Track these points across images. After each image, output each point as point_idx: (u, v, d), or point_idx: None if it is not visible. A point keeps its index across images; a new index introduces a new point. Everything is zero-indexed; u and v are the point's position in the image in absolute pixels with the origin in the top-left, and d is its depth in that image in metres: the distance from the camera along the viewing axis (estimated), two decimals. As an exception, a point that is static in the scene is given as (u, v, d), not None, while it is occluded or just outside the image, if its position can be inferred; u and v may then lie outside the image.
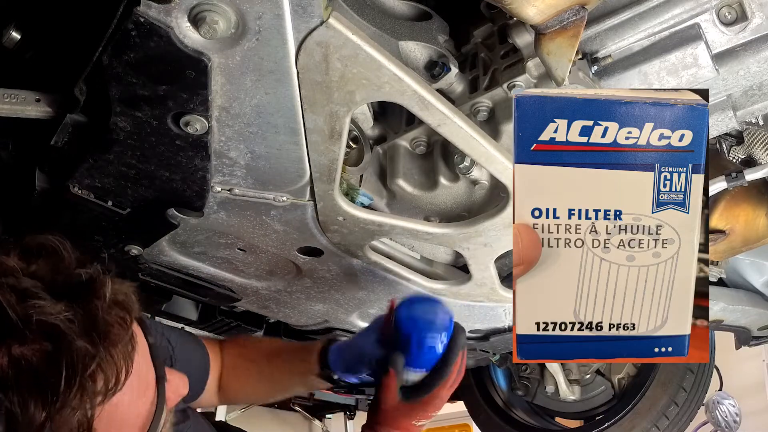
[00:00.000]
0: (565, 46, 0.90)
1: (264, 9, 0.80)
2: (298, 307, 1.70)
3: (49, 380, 0.65)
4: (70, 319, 0.68)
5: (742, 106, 1.22)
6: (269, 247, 1.36)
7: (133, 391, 0.75)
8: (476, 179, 1.27)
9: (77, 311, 0.69)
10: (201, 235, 1.30)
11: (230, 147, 1.03)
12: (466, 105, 1.19)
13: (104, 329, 0.70)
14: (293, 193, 1.16)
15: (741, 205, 1.43)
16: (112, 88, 0.90)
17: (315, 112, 0.97)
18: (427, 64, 1.19)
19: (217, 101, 0.93)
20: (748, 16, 1.08)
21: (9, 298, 0.66)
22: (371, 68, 0.90)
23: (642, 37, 1.13)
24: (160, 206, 1.18)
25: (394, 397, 1.14)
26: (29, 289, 0.68)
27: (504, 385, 2.83)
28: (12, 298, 0.67)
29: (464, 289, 1.53)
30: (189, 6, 0.79)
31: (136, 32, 0.81)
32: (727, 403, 3.37)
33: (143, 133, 0.98)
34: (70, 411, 0.67)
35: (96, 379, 0.68)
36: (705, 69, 1.12)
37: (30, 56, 1.04)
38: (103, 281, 0.74)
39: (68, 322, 0.67)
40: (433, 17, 1.23)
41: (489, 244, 1.32)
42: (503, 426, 2.71)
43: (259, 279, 1.55)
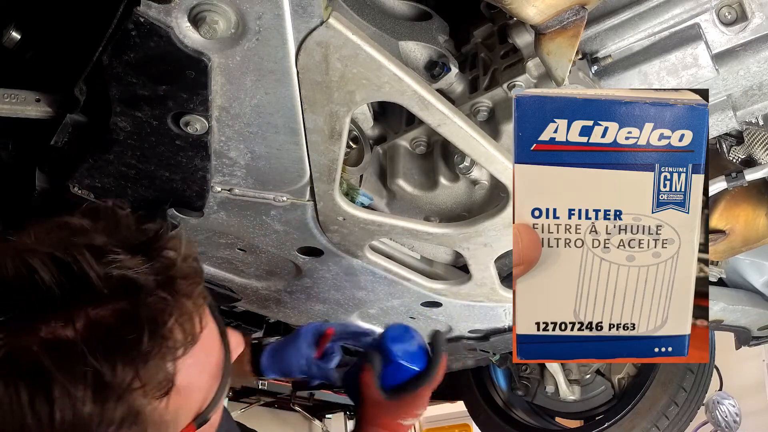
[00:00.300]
0: (565, 46, 0.90)
1: (264, 9, 0.80)
2: (298, 307, 1.70)
3: (131, 338, 0.64)
4: (148, 272, 0.67)
5: (742, 106, 1.22)
6: (269, 247, 1.36)
7: (205, 344, 0.74)
8: (476, 179, 1.27)
9: (154, 264, 0.68)
10: (201, 235, 1.31)
11: (230, 147, 1.03)
12: (466, 105, 1.19)
13: (180, 281, 0.69)
14: (293, 193, 1.16)
15: (741, 205, 1.43)
16: (112, 88, 0.90)
17: (315, 112, 0.97)
18: (427, 64, 1.19)
19: (217, 101, 0.93)
20: (748, 16, 1.08)
21: (86, 257, 0.64)
22: (371, 68, 0.90)
23: (642, 37, 1.13)
24: (160, 206, 1.18)
25: (374, 393, 1.13)
26: (104, 246, 0.66)
27: (504, 385, 2.83)
28: (88, 256, 0.64)
29: (464, 289, 1.53)
30: (189, 6, 0.79)
31: (136, 32, 0.81)
32: (727, 403, 3.37)
33: (143, 133, 0.98)
34: (155, 366, 0.66)
35: (174, 332, 0.68)
36: (705, 69, 1.12)
37: (30, 56, 1.04)
38: (175, 234, 0.73)
39: (146, 276, 0.66)
40: (433, 17, 1.23)
41: (489, 244, 1.32)
42: (503, 426, 2.71)
43: (259, 279, 1.55)
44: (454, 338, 1.95)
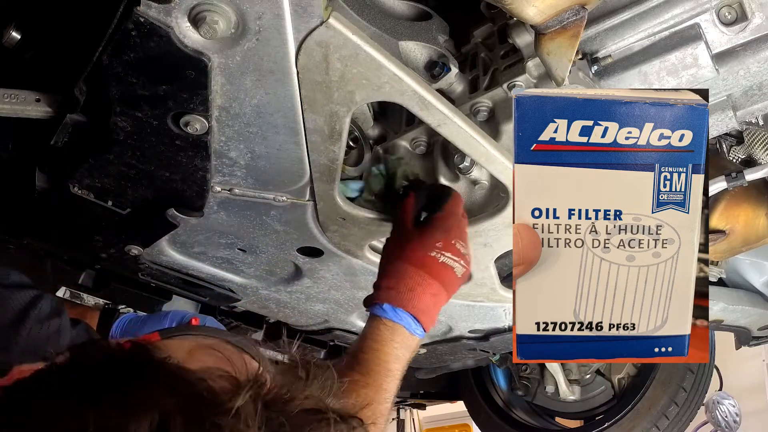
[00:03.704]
0: (565, 46, 0.89)
1: (264, 9, 0.80)
2: (298, 307, 1.70)
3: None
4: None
5: (742, 106, 1.22)
6: (269, 247, 1.36)
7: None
8: (476, 179, 1.27)
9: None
10: (201, 235, 1.30)
11: (230, 147, 1.03)
12: (466, 105, 1.19)
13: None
14: (293, 193, 1.16)
15: (741, 205, 1.43)
16: (112, 88, 0.90)
17: (315, 112, 0.97)
18: (427, 64, 1.19)
19: (217, 101, 0.93)
20: (748, 16, 1.08)
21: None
22: (371, 68, 0.90)
23: (642, 37, 1.13)
24: (160, 206, 1.18)
25: (409, 219, 1.10)
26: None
27: (504, 385, 2.83)
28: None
29: (464, 289, 1.53)
30: (189, 6, 0.79)
31: (136, 32, 0.81)
32: (727, 403, 3.37)
33: (143, 133, 0.98)
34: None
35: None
36: (705, 69, 1.12)
37: (30, 56, 1.04)
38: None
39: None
40: (433, 17, 1.23)
41: (489, 244, 1.32)
42: (503, 426, 2.72)
43: (259, 279, 1.55)
44: (454, 338, 1.95)
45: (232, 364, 0.60)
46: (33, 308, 1.11)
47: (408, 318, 1.04)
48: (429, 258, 1.05)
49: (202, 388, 0.52)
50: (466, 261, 1.10)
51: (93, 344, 0.57)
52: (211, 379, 0.53)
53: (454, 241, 1.08)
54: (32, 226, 1.32)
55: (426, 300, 1.05)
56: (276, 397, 0.54)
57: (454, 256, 1.07)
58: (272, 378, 0.56)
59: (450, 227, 1.10)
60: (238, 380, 0.53)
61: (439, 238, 1.07)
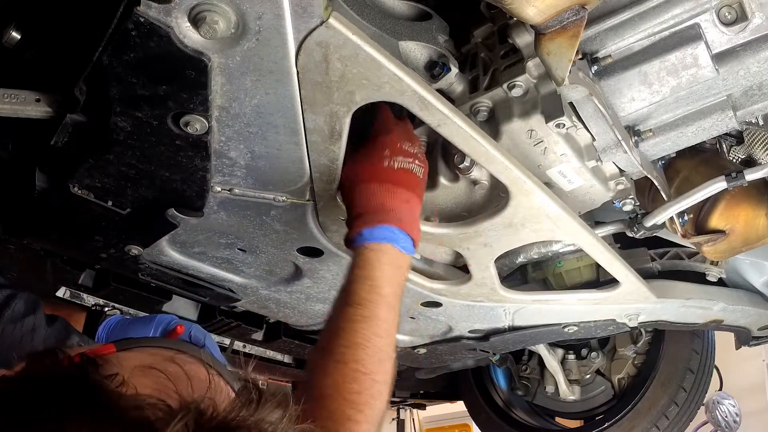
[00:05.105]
0: (565, 46, 0.89)
1: (264, 9, 0.80)
2: (298, 307, 1.70)
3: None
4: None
5: (742, 106, 1.22)
6: (269, 247, 1.36)
7: None
8: (476, 179, 1.27)
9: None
10: (201, 235, 1.30)
11: (230, 147, 1.03)
12: (466, 105, 1.19)
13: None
14: (293, 193, 1.15)
15: (741, 205, 1.43)
16: (112, 88, 0.90)
17: (315, 112, 0.97)
18: (427, 64, 1.19)
19: (217, 101, 0.93)
20: (748, 16, 1.08)
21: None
22: (371, 68, 0.90)
23: (642, 37, 1.13)
24: (160, 206, 1.18)
25: (389, 115, 1.06)
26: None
27: (504, 385, 2.83)
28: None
29: (464, 289, 1.53)
30: (189, 6, 0.79)
31: (136, 32, 0.81)
32: (727, 403, 3.37)
33: (143, 133, 0.98)
34: None
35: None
36: (705, 69, 1.12)
37: (30, 56, 1.03)
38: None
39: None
40: (433, 17, 1.23)
41: (489, 244, 1.32)
42: (503, 426, 2.71)
43: (259, 279, 1.55)
44: (454, 338, 1.95)
45: (176, 384, 0.59)
46: (6, 308, 1.11)
47: (390, 232, 0.99)
48: (383, 168, 1.02)
49: (134, 417, 0.51)
50: (420, 159, 1.06)
51: (47, 355, 0.56)
52: (144, 407, 0.51)
53: (399, 144, 1.04)
54: (32, 226, 1.32)
55: (401, 208, 1.01)
56: (221, 422, 0.52)
57: (406, 159, 1.04)
58: (223, 400, 0.55)
59: (389, 131, 1.06)
60: (171, 408, 0.51)
61: (384, 145, 1.03)
